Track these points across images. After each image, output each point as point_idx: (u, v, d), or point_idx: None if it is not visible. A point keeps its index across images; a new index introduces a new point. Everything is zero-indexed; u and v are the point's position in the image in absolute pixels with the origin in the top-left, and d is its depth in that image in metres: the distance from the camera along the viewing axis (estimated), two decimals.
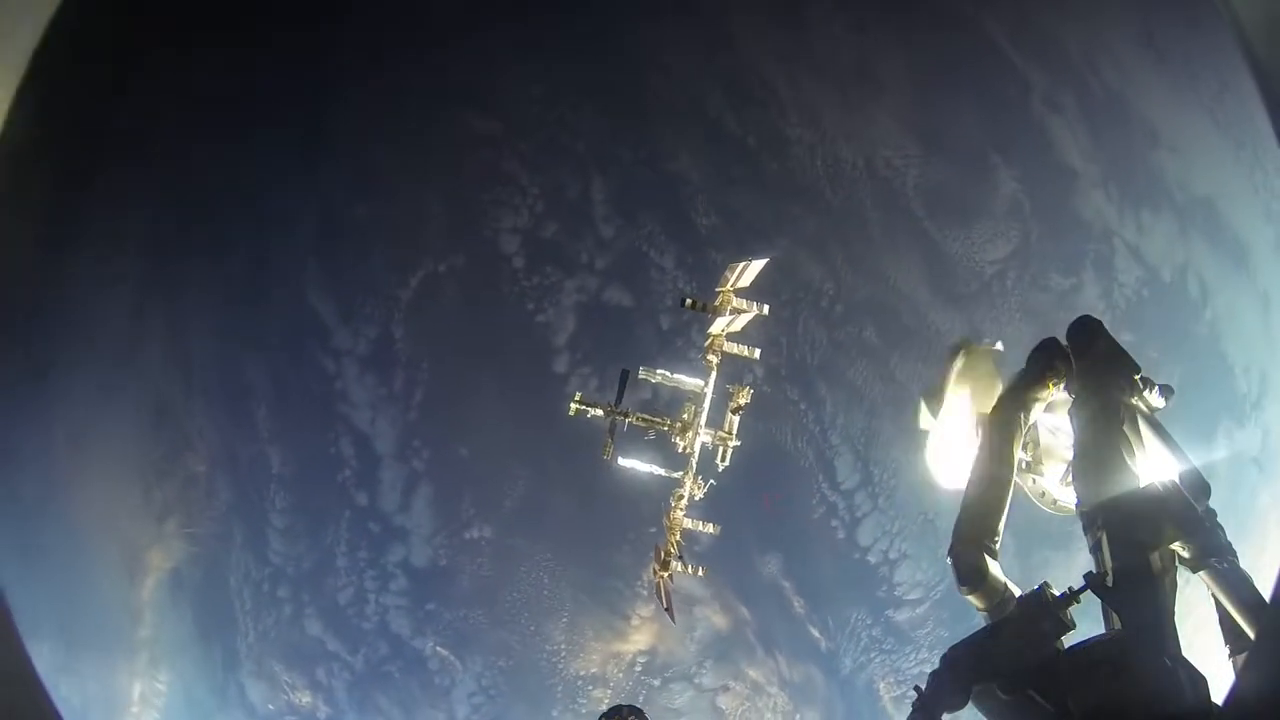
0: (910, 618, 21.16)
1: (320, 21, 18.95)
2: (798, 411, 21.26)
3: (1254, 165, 18.51)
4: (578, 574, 21.57)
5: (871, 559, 20.93)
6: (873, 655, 21.47)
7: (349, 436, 21.22)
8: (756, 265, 11.07)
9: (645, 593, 20.58)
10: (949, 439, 5.31)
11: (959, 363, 5.41)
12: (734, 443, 11.42)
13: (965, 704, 3.81)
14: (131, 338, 20.18)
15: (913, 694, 3.94)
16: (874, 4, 19.96)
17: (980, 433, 5.09)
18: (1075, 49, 19.60)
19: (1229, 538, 4.04)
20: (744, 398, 11.35)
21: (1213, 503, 4.19)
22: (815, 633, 21.47)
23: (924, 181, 20.44)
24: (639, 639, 21.64)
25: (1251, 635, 3.81)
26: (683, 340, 20.27)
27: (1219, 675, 3.60)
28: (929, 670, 3.99)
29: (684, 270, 20.97)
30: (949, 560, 4.63)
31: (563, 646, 21.64)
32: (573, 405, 11.38)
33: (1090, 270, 20.33)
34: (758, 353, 11.54)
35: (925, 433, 5.43)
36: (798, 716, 21.81)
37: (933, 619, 21.04)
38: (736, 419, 11.38)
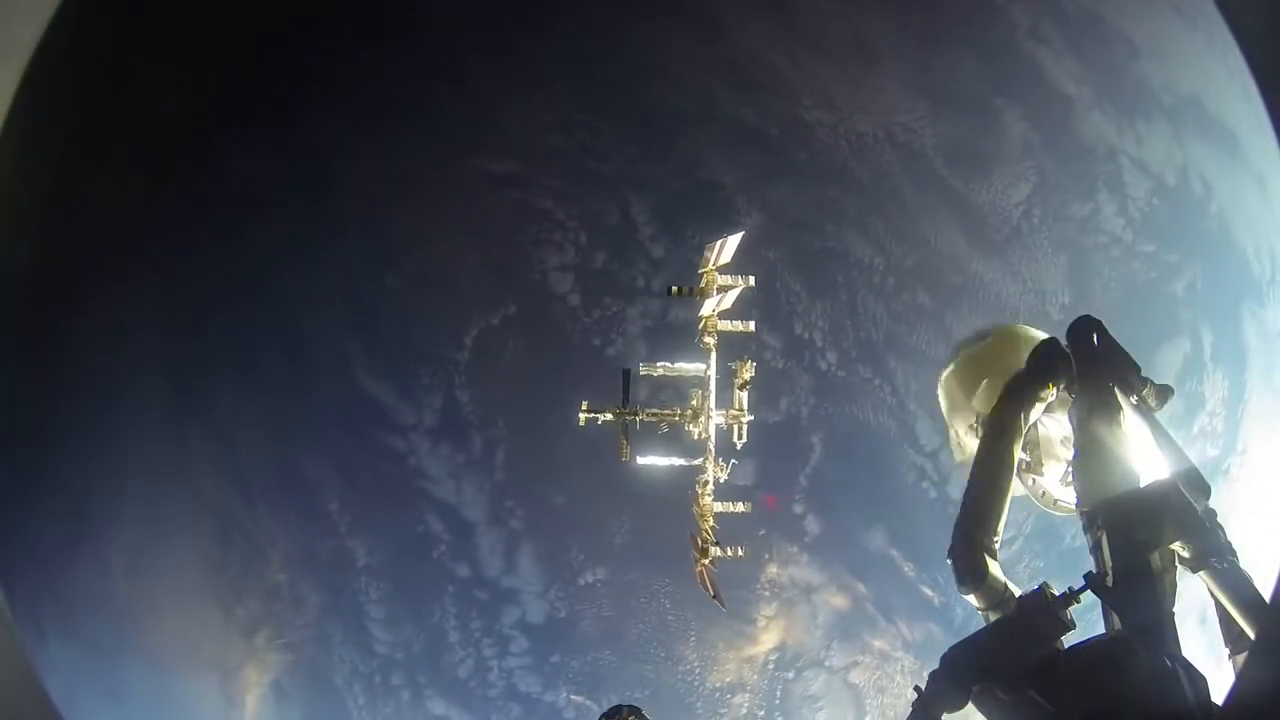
0: (1005, 557, 21.37)
1: (309, 96, 18.70)
2: (873, 388, 21.55)
3: (1226, 51, 18.07)
4: (698, 592, 21.23)
5: None
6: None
7: (435, 511, 20.82)
8: (734, 240, 11.09)
9: (767, 594, 21.02)
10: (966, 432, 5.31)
11: (956, 372, 5.41)
12: (747, 419, 11.44)
13: (965, 704, 3.81)
14: (173, 459, 19.52)
15: (912, 694, 3.94)
16: None
17: (980, 433, 5.09)
18: None
19: (1228, 538, 4.04)
20: (748, 372, 11.36)
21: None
22: (928, 592, 21.60)
23: (940, 139, 20.64)
24: (767, 639, 21.71)
25: (1251, 635, 3.80)
26: (756, 345, 20.64)
27: (1219, 675, 3.60)
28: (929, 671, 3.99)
29: (743, 274, 20.84)
30: (949, 560, 4.63)
31: (696, 664, 21.58)
32: (581, 415, 11.37)
33: (1104, 191, 20.65)
34: (752, 325, 11.52)
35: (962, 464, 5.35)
36: (925, 673, 21.88)
37: (1027, 553, 20.88)
38: (745, 395, 11.40)
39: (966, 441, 5.36)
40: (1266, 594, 3.77)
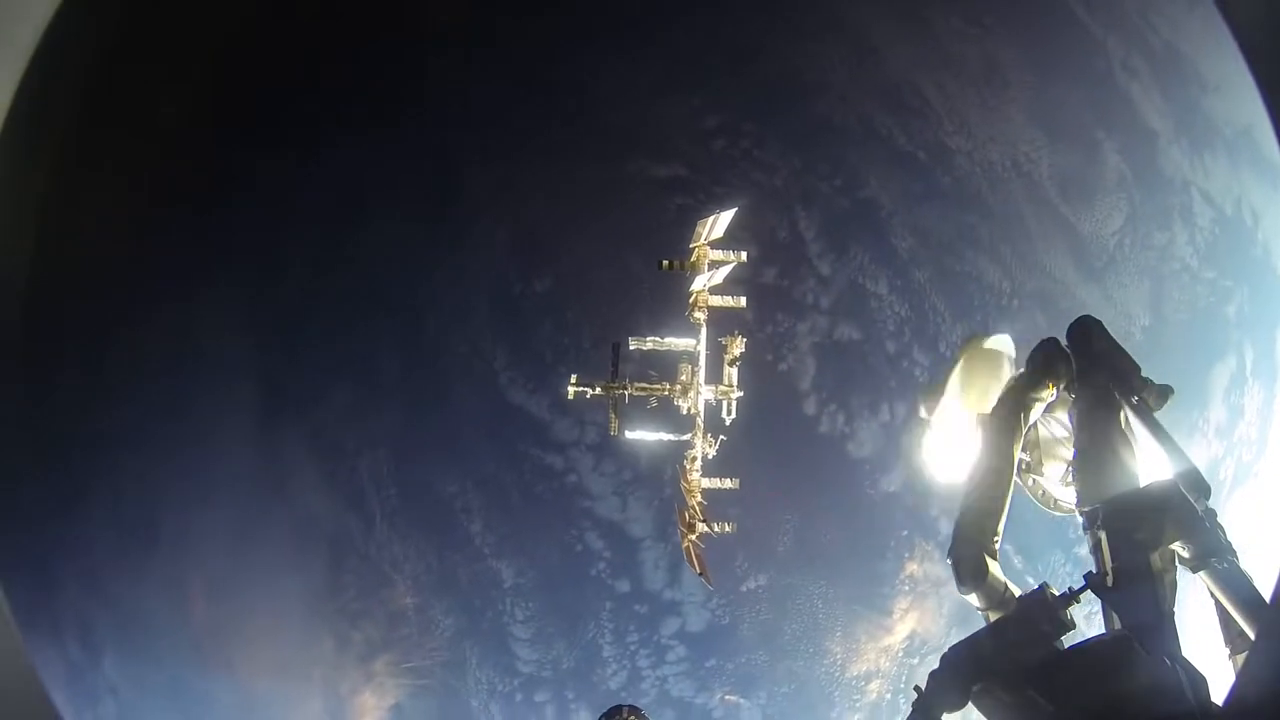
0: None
1: (442, 93, 18.48)
2: None
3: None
4: (848, 591, 21.87)
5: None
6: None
7: (596, 529, 20.64)
8: (726, 216, 11.06)
9: (906, 588, 21.50)
10: (947, 433, 5.32)
11: (963, 358, 5.41)
12: (736, 394, 11.37)
13: (965, 704, 3.81)
14: (270, 476, 19.11)
15: (912, 694, 3.94)
16: None
17: (980, 433, 5.09)
18: (1132, 6, 20.32)
19: (1229, 537, 4.05)
20: (738, 348, 11.31)
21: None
22: (1030, 580, 21.64)
23: (1055, 170, 21.40)
24: (901, 629, 22.16)
25: (1251, 635, 3.80)
26: (909, 362, 20.86)
27: (1219, 675, 3.60)
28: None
29: (896, 294, 21.43)
30: (949, 561, 4.63)
31: (839, 657, 22.05)
32: (570, 389, 11.31)
33: (1178, 221, 21.61)
34: (744, 301, 11.47)
35: (925, 424, 5.44)
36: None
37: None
38: (735, 371, 11.34)
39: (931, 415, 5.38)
40: (1266, 594, 3.77)
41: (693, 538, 11.56)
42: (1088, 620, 3.96)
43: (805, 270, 20.89)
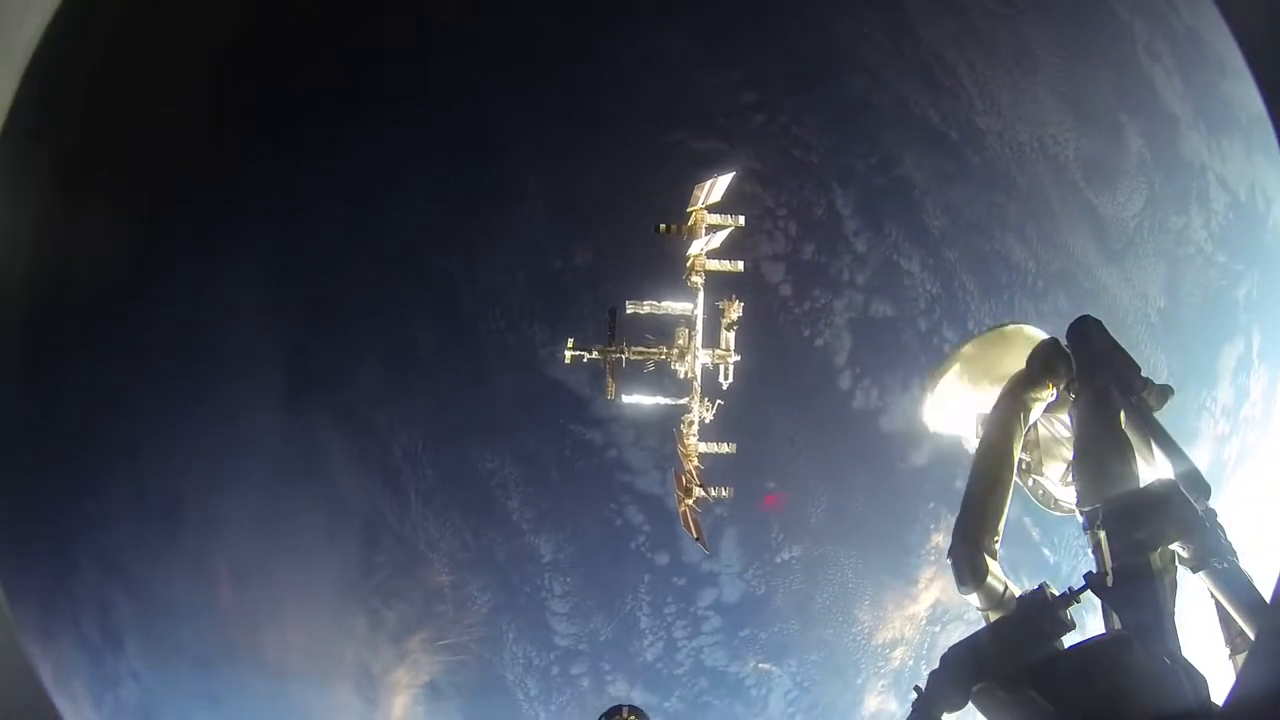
0: None
1: (481, 67, 18.31)
2: None
3: None
4: (878, 560, 22.25)
5: None
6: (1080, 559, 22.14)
7: (636, 503, 20.83)
8: (724, 180, 11.05)
9: (933, 558, 21.78)
10: (947, 399, 5.34)
11: (985, 338, 5.42)
12: (733, 359, 11.36)
13: (965, 704, 3.80)
14: (299, 457, 18.96)
15: (912, 694, 3.94)
16: None
17: (980, 432, 5.08)
18: None
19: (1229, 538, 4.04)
20: (735, 312, 11.31)
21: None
22: (1047, 552, 22.07)
23: (1080, 152, 21.53)
24: (926, 597, 22.58)
25: (1251, 635, 3.80)
26: (939, 339, 21.12)
27: (1219, 675, 3.60)
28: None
29: (928, 273, 21.68)
30: (949, 561, 4.63)
31: (867, 625, 22.54)
32: (567, 353, 11.29)
33: (1194, 205, 21.78)
34: (741, 265, 11.46)
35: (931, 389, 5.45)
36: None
37: None
38: (732, 335, 11.33)
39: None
40: (1266, 594, 3.77)
41: (689, 502, 11.56)
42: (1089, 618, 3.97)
43: (842, 247, 21.21)
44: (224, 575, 18.79)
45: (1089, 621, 3.96)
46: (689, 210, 11.27)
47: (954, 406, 5.39)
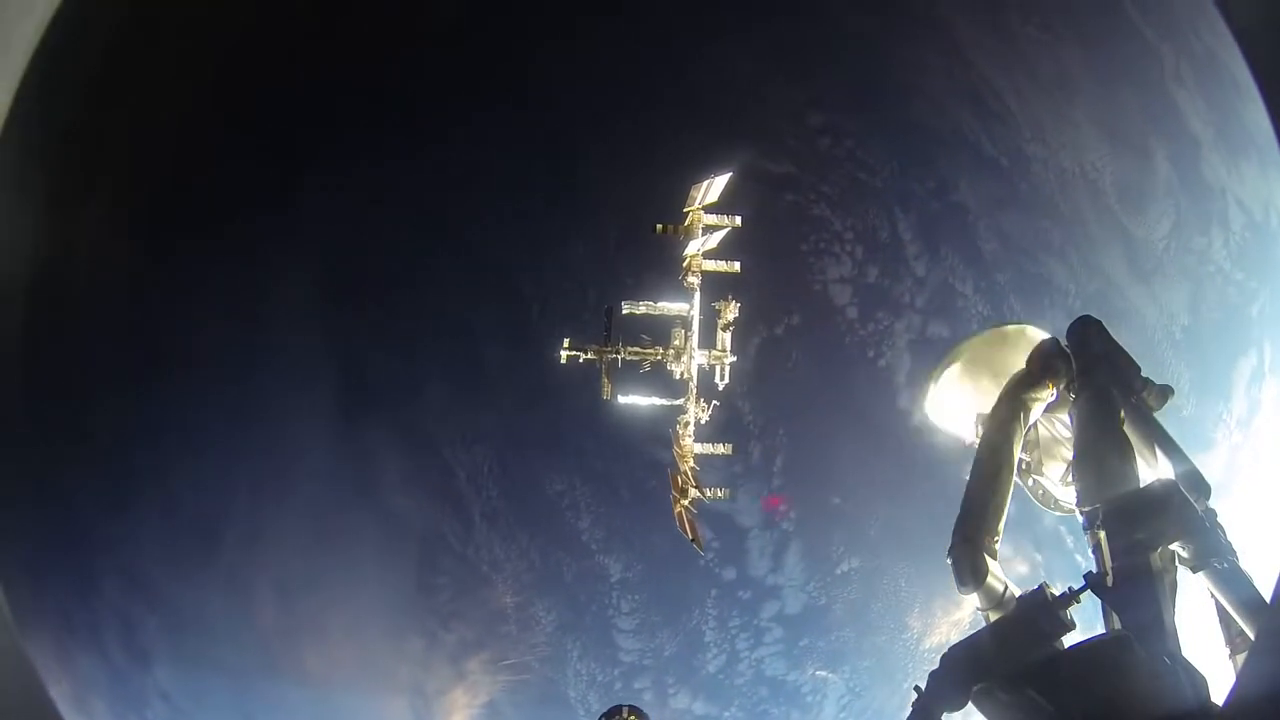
0: None
1: (556, 85, 18.33)
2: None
3: None
4: (929, 569, 22.31)
5: None
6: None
7: (706, 520, 20.77)
8: (721, 181, 10.98)
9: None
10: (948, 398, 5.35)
11: (955, 370, 5.43)
12: (730, 359, 11.32)
13: (965, 704, 3.80)
14: (351, 477, 18.79)
15: (912, 694, 3.93)
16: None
17: (980, 433, 5.08)
18: (1180, 13, 20.49)
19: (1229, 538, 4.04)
20: (731, 313, 11.26)
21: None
22: (1078, 558, 22.13)
23: (1116, 177, 22.00)
24: (969, 604, 22.46)
25: (1251, 635, 3.80)
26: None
27: (1219, 675, 3.60)
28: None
29: (980, 295, 22.10)
30: (949, 561, 4.62)
31: (917, 631, 22.90)
32: (563, 353, 11.24)
33: (1215, 226, 22.19)
34: (738, 266, 11.41)
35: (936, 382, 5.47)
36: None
37: None
38: (728, 335, 11.29)
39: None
40: (1266, 594, 3.77)
41: (685, 503, 11.51)
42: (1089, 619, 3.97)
43: (904, 270, 21.71)
44: (266, 593, 18.72)
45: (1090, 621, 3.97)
46: (685, 210, 11.23)
47: (955, 402, 5.40)
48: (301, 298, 17.69)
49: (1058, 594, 3.87)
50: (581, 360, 11.36)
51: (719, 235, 11.13)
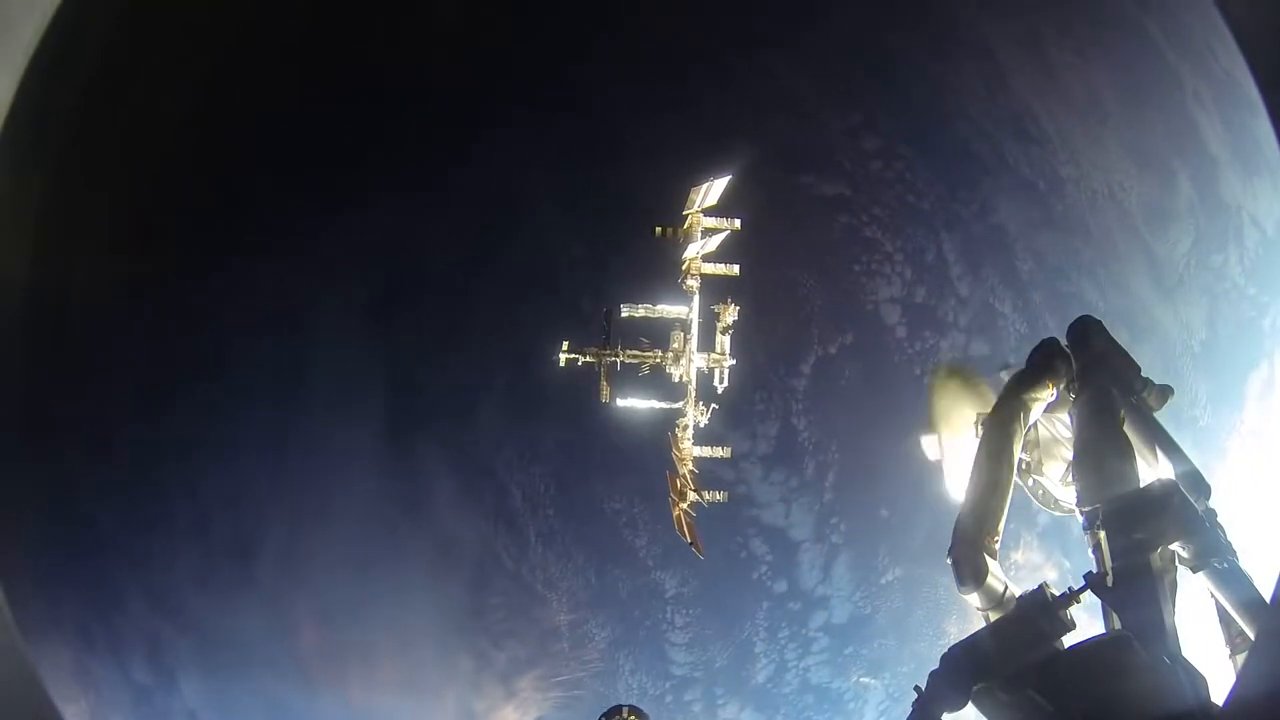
0: None
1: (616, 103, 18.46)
2: None
3: None
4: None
5: None
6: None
7: (760, 535, 21.53)
8: (720, 183, 10.94)
9: (1010, 573, 22.56)
10: (959, 458, 5.34)
11: (939, 389, 5.45)
12: (729, 363, 11.29)
13: (965, 704, 3.80)
14: (396, 501, 18.82)
15: (913, 694, 3.93)
16: (1079, 22, 21.13)
17: (980, 433, 5.08)
18: (1198, 34, 20.73)
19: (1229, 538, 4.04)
20: (730, 316, 11.23)
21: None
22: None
23: (1141, 197, 22.55)
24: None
25: (1251, 635, 3.80)
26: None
27: (1219, 675, 3.60)
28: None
29: (1018, 314, 22.51)
30: (949, 561, 4.62)
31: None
32: (562, 356, 11.21)
33: (1231, 243, 22.66)
34: (736, 269, 11.39)
35: (936, 463, 5.48)
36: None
37: None
38: (727, 339, 11.27)
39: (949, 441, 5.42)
40: (1266, 594, 3.76)
41: (684, 506, 11.48)
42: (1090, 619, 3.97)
43: (948, 290, 22.25)
44: (306, 614, 18.64)
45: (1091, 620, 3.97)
46: (684, 213, 11.20)
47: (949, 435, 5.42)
48: (349, 306, 17.69)
49: (1058, 594, 3.87)
50: (580, 363, 11.34)
51: (718, 238, 11.11)
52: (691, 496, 11.39)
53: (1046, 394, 4.93)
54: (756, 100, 19.89)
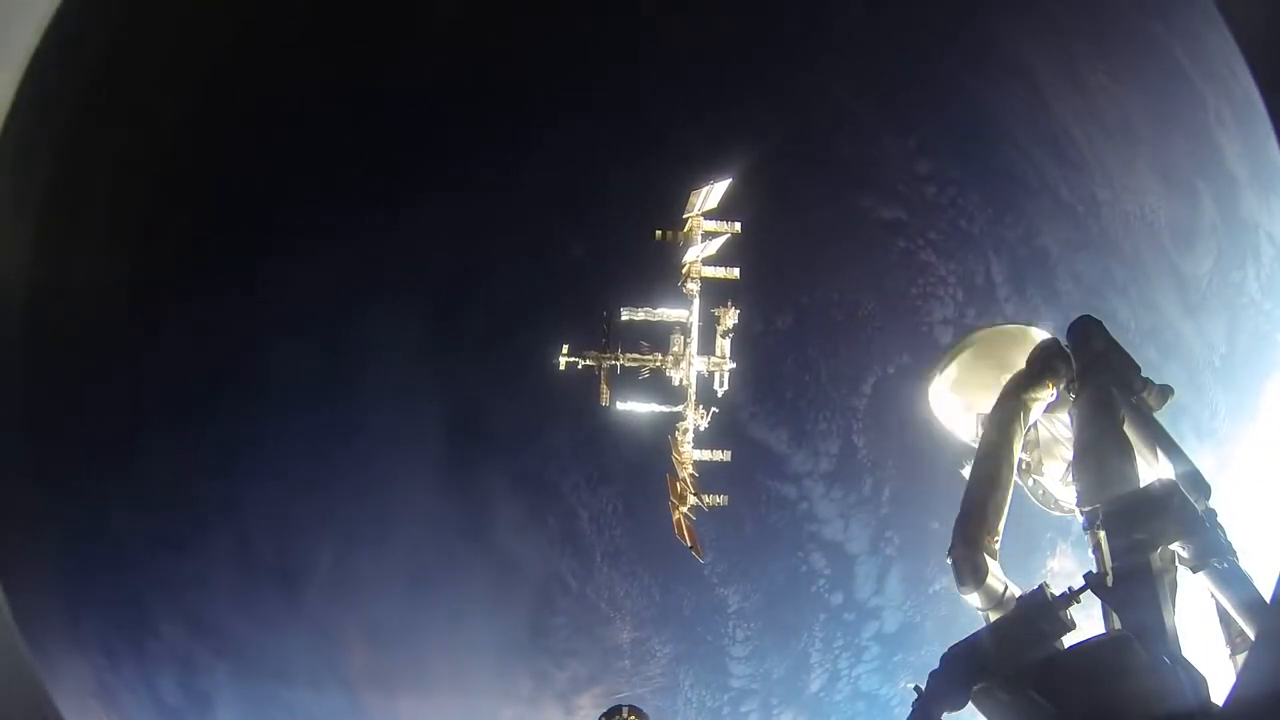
0: None
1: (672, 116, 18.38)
2: None
3: None
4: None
5: None
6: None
7: (820, 550, 22.12)
8: (720, 187, 10.94)
9: (1047, 580, 22.97)
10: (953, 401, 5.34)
11: (955, 370, 5.43)
12: (729, 366, 11.30)
13: (965, 704, 3.80)
14: (456, 523, 18.87)
15: (912, 694, 3.93)
16: (1112, 46, 21.61)
17: (980, 432, 5.08)
18: (1218, 53, 20.90)
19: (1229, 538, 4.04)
20: (730, 319, 11.24)
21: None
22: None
23: (1169, 218, 23.13)
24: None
25: (1251, 635, 3.80)
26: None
27: (1219, 675, 3.60)
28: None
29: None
30: (949, 561, 4.62)
31: None
32: (561, 359, 11.21)
33: (1250, 260, 23.20)
34: (736, 272, 11.39)
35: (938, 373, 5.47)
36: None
37: None
38: (727, 342, 11.28)
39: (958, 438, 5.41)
40: (1266, 594, 3.76)
41: (684, 509, 11.48)
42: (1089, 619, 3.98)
43: (995, 312, 22.78)
44: (355, 638, 18.68)
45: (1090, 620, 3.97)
46: (684, 217, 11.19)
47: (955, 398, 5.40)
48: (405, 320, 17.61)
49: (1058, 594, 3.87)
50: (580, 366, 11.34)
51: (718, 242, 11.11)
52: (692, 500, 11.38)
53: (1046, 394, 4.94)
54: (810, 116, 20.16)
